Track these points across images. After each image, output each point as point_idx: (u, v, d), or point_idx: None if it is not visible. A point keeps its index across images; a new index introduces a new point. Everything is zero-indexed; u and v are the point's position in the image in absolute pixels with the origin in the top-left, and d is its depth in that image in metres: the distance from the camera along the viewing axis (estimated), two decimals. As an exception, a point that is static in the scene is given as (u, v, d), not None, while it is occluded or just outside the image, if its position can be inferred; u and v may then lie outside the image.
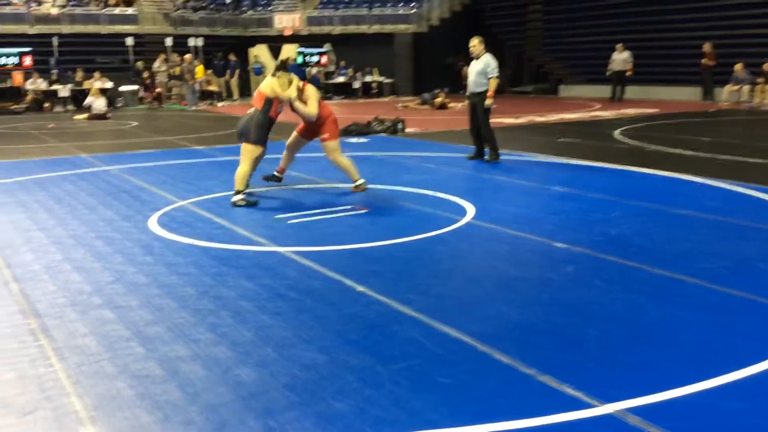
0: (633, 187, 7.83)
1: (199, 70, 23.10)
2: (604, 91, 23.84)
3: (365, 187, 7.70)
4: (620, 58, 21.13)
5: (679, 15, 22.89)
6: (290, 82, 7.43)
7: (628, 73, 21.12)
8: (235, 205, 7.04)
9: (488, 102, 9.77)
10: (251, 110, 7.38)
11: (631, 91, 22.67)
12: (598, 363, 3.36)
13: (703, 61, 20.30)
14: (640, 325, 3.82)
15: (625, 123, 15.04)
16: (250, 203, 7.05)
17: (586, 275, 4.70)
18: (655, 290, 4.37)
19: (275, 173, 8.25)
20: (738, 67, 19.48)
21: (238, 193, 7.09)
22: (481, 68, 9.77)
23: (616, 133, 13.15)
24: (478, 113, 9.91)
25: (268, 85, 7.35)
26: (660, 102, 20.76)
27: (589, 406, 2.93)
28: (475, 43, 9.90)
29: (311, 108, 7.55)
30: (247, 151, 7.24)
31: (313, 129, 7.88)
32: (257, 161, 7.46)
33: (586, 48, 25.63)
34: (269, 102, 7.27)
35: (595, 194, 7.37)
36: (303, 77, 24.62)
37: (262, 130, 7.28)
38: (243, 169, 7.18)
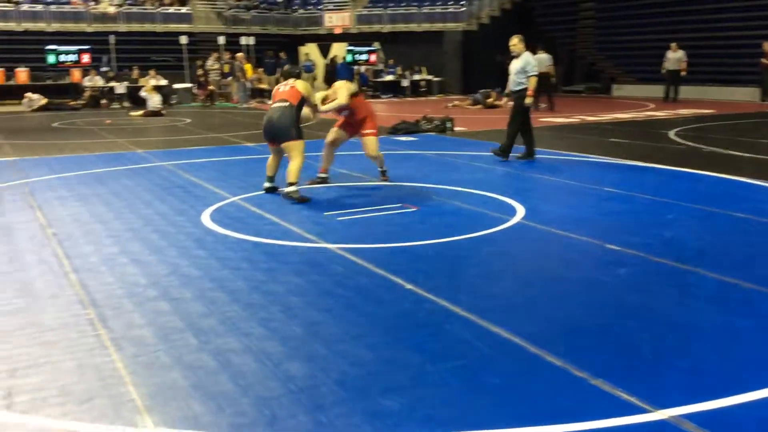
0: (689, 190, 7.64)
1: (248, 68, 23.39)
2: (658, 90, 23.29)
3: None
4: (674, 57, 20.60)
5: (737, 13, 22.25)
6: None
7: (683, 73, 20.59)
8: (287, 196, 7.18)
9: (528, 101, 9.67)
10: (280, 106, 7.34)
11: (686, 91, 22.10)
12: (652, 368, 3.29)
13: (763, 60, 19.67)
14: (695, 331, 3.73)
15: (680, 123, 14.69)
16: (303, 199, 7.14)
17: (640, 278, 4.61)
18: (712, 295, 4.27)
19: (319, 176, 8.26)
20: (800, 66, 18.83)
21: (291, 184, 7.20)
22: (521, 67, 9.68)
23: (671, 133, 12.85)
24: (513, 110, 9.82)
25: (306, 85, 7.55)
26: (716, 102, 20.20)
27: (643, 411, 2.88)
28: (515, 42, 9.82)
29: (340, 98, 7.79)
30: (295, 147, 7.31)
31: (353, 125, 8.06)
32: (275, 152, 7.61)
33: (640, 46, 25.11)
34: (303, 101, 7.42)
35: (648, 196, 7.22)
36: (351, 76, 24.91)
37: (299, 125, 7.45)
38: (296, 163, 7.27)
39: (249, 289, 4.47)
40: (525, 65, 9.63)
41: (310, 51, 27.57)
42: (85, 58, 23.26)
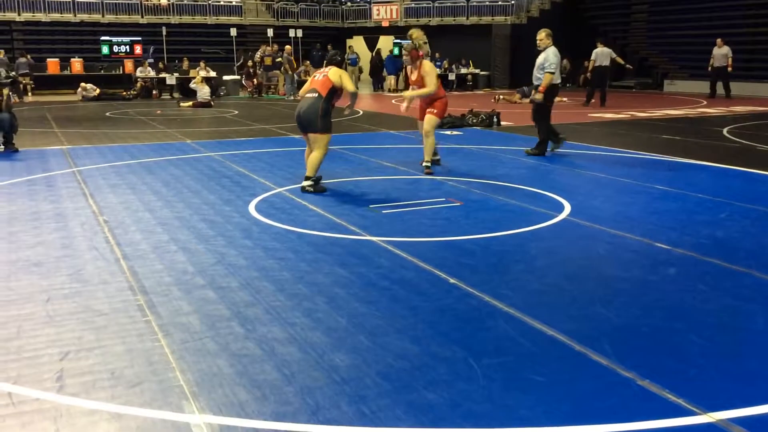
0: (742, 189, 7.43)
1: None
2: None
3: (431, 172, 8.26)
4: (720, 53, 20.00)
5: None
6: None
7: (729, 69, 19.96)
8: (303, 190, 7.26)
9: (537, 96, 9.65)
10: (309, 96, 7.35)
11: (741, 88, 21.48)
12: (701, 370, 3.22)
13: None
14: (747, 334, 3.63)
15: (734, 121, 14.29)
16: (319, 190, 7.25)
17: (690, 278, 4.51)
18: (765, 297, 4.14)
19: (433, 159, 8.56)
20: None
21: (308, 179, 7.30)
22: (540, 62, 9.66)
23: (725, 131, 12.51)
24: (533, 107, 9.78)
25: (338, 74, 7.39)
26: (774, 99, 19.59)
27: (691, 413, 2.82)
28: (542, 37, 9.75)
29: (430, 85, 8.14)
30: (319, 140, 7.32)
31: (425, 107, 8.47)
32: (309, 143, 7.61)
33: (693, 42, 24.49)
34: (334, 91, 7.34)
35: (700, 194, 7.05)
36: (398, 69, 24.88)
37: (329, 118, 7.39)
38: (317, 156, 7.31)
39: (294, 279, 4.51)
40: (544, 61, 9.60)
41: (353, 44, 27.62)
42: (138, 50, 23.76)
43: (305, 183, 7.32)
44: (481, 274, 4.59)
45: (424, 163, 8.42)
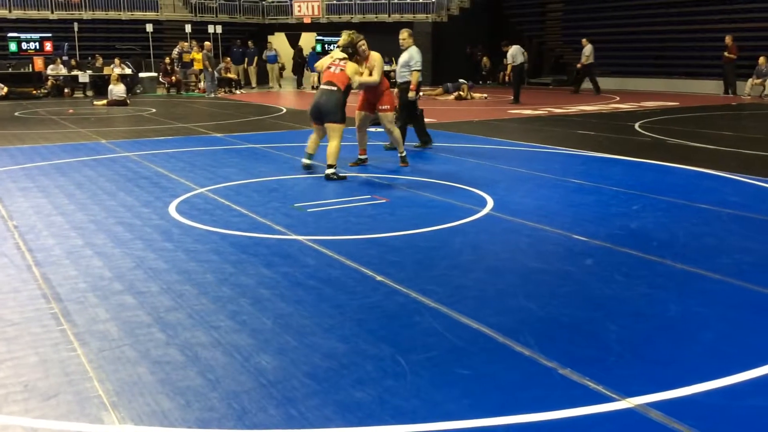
0: (654, 181, 7.75)
1: (196, 56, 22.86)
2: (623, 83, 23.66)
3: (408, 164, 8.63)
4: (586, 52, 21.32)
5: (701, 7, 22.60)
6: (367, 60, 8.22)
7: (579, 66, 21.49)
8: (328, 178, 7.68)
9: (411, 95, 9.94)
10: (328, 89, 7.79)
11: (650, 84, 22.46)
12: (619, 357, 3.34)
13: (725, 54, 20.03)
14: (661, 320, 3.79)
15: (645, 116, 14.90)
16: (342, 177, 7.71)
17: (606, 269, 4.66)
18: (677, 285, 4.33)
19: (359, 158, 8.82)
20: (761, 60, 19.23)
21: (330, 167, 7.69)
22: (405, 60, 9.99)
23: (636, 125, 13.02)
24: (402, 103, 10.08)
25: (354, 69, 7.92)
26: (681, 95, 20.55)
27: (610, 400, 2.91)
28: (405, 36, 10.09)
29: (376, 75, 8.33)
30: (336, 129, 7.78)
31: (372, 102, 8.62)
32: (319, 131, 8.14)
33: (606, 39, 25.37)
34: (350, 85, 7.87)
35: (614, 187, 7.31)
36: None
37: (344, 109, 7.89)
38: (335, 145, 7.72)
39: (217, 281, 4.42)
40: (409, 59, 9.91)
41: (274, 41, 27.29)
42: (48, 46, 22.75)
43: (329, 171, 7.70)
44: (407, 271, 4.61)
45: (402, 156, 8.72)
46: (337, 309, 3.95)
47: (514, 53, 18.28)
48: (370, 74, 8.39)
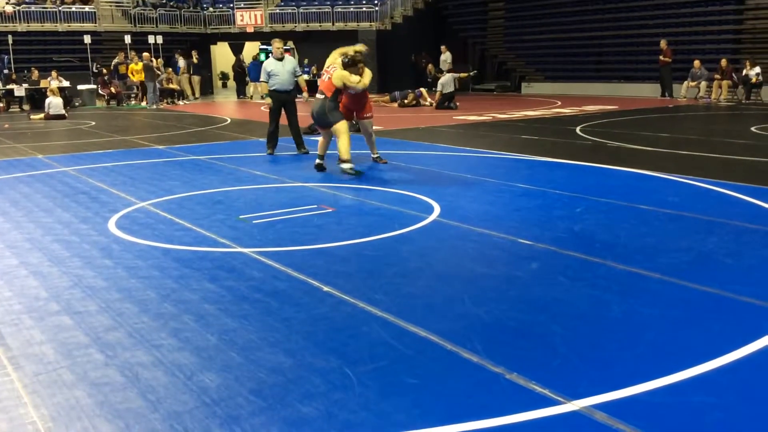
0: (595, 184, 7.90)
1: (134, 67, 22.41)
2: (565, 88, 24.18)
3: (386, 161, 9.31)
4: (443, 59, 22.47)
5: (636, 12, 23.29)
6: (362, 70, 8.71)
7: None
8: (344, 172, 8.36)
9: (307, 95, 10.83)
10: (319, 97, 8.56)
11: (590, 89, 22.99)
12: (564, 360, 3.37)
13: (661, 57, 20.65)
14: (604, 322, 3.84)
15: (586, 120, 15.22)
16: (359, 172, 8.36)
17: (551, 272, 4.72)
18: (619, 286, 4.41)
19: (317, 160, 9.07)
20: (696, 63, 19.88)
21: (345, 161, 8.36)
22: (292, 68, 10.55)
23: (578, 129, 13.29)
24: (288, 110, 10.63)
25: (339, 77, 8.49)
26: (620, 98, 21.07)
27: (556, 403, 2.93)
28: (280, 45, 10.63)
29: (366, 80, 8.76)
30: (339, 128, 8.38)
31: (353, 110, 9.22)
32: (325, 135, 8.80)
33: (547, 45, 25.92)
34: (338, 91, 8.53)
35: (557, 191, 7.43)
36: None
37: (337, 109, 8.60)
38: (344, 142, 8.33)
39: (159, 298, 4.30)
40: (294, 67, 10.64)
41: (218, 50, 26.94)
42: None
43: (344, 166, 8.39)
44: (354, 281, 4.58)
45: (376, 156, 9.52)
46: (284, 322, 3.88)
47: (446, 82, 18.52)
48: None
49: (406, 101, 19.97)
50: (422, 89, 20.59)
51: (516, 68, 27.14)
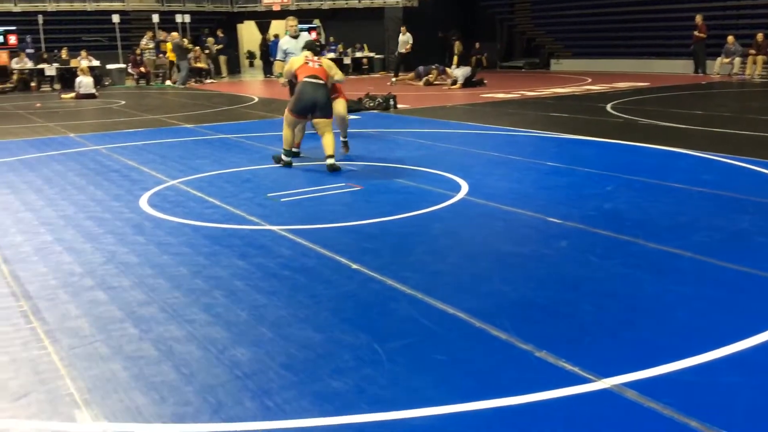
0: (626, 161, 7.80)
1: (167, 48, 22.49)
2: (595, 65, 23.78)
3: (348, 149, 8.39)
4: (402, 40, 21.60)
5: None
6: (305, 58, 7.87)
7: (404, 52, 21.67)
8: (332, 168, 7.45)
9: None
10: (317, 83, 7.60)
11: (621, 65, 22.60)
12: (594, 338, 3.35)
13: (695, 33, 20.21)
14: (636, 300, 3.81)
15: (617, 97, 14.99)
16: (337, 168, 7.53)
17: (581, 250, 4.68)
18: (651, 264, 4.36)
19: (293, 149, 8.49)
20: (730, 39, 19.42)
21: (332, 157, 7.52)
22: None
23: (608, 107, 13.10)
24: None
25: (329, 63, 7.91)
26: (652, 75, 20.70)
27: (586, 381, 2.92)
28: (293, 23, 9.92)
29: (340, 74, 8.05)
30: (329, 124, 7.62)
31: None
32: (296, 126, 7.94)
33: (577, 21, 25.49)
34: (329, 77, 7.77)
35: (587, 169, 7.35)
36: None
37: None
38: (330, 138, 7.56)
39: (191, 274, 4.36)
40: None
41: (244, 29, 26.92)
42: (12, 40, 22.25)
43: (331, 161, 7.50)
44: (382, 258, 4.59)
45: (344, 140, 8.50)
46: (313, 299, 3.92)
47: (461, 74, 18.69)
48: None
49: (430, 77, 19.81)
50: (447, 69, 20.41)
51: (545, 45, 26.75)
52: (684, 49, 21.35)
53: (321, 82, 7.63)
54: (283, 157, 7.88)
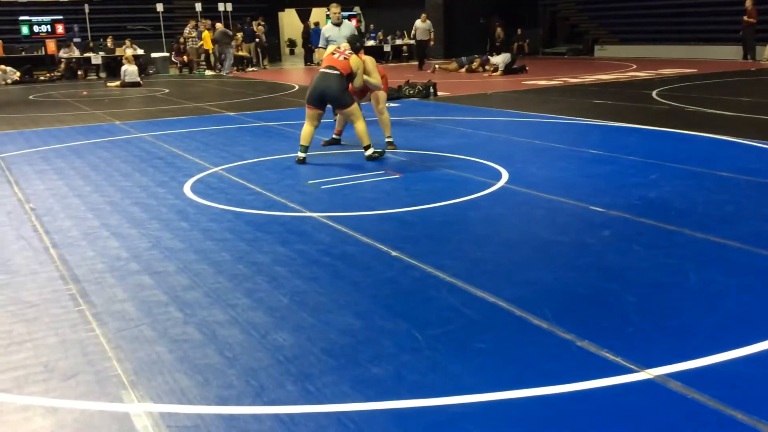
0: (672, 149, 7.64)
1: (206, 36, 22.68)
2: (641, 51, 23.30)
3: (384, 153, 7.77)
4: (423, 27, 21.02)
5: (720, -30, 22.12)
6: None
7: (431, 43, 21.36)
8: (370, 159, 7.41)
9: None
10: (330, 72, 7.43)
11: (669, 51, 22.08)
12: (638, 328, 3.30)
13: (745, 18, 19.62)
14: (680, 290, 3.74)
15: (663, 83, 14.67)
16: (382, 153, 7.57)
17: (624, 239, 4.61)
18: (697, 255, 4.28)
19: (334, 136, 8.59)
20: (781, 23, 18.81)
21: (368, 147, 7.45)
22: (349, 33, 9.46)
23: (654, 93, 12.83)
24: None
25: (358, 63, 7.63)
26: (699, 61, 20.18)
27: (629, 371, 2.89)
28: (336, 11, 9.74)
29: (376, 79, 7.96)
30: (354, 111, 7.49)
31: (363, 89, 8.14)
32: (315, 119, 7.59)
33: (621, 6, 24.97)
34: (351, 74, 7.56)
35: (632, 157, 7.22)
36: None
37: (348, 91, 7.63)
38: (361, 126, 7.44)
39: (233, 260, 4.43)
40: (353, 32, 9.57)
41: (286, 17, 27.03)
42: (60, 29, 22.76)
43: (369, 152, 7.45)
44: (422, 246, 4.59)
45: (389, 141, 8.15)
46: (353, 285, 3.94)
47: (501, 61, 18.53)
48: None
49: (473, 66, 19.66)
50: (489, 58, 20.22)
51: (588, 30, 26.27)
52: (733, 34, 20.75)
53: (335, 72, 7.38)
54: (299, 153, 7.51)
